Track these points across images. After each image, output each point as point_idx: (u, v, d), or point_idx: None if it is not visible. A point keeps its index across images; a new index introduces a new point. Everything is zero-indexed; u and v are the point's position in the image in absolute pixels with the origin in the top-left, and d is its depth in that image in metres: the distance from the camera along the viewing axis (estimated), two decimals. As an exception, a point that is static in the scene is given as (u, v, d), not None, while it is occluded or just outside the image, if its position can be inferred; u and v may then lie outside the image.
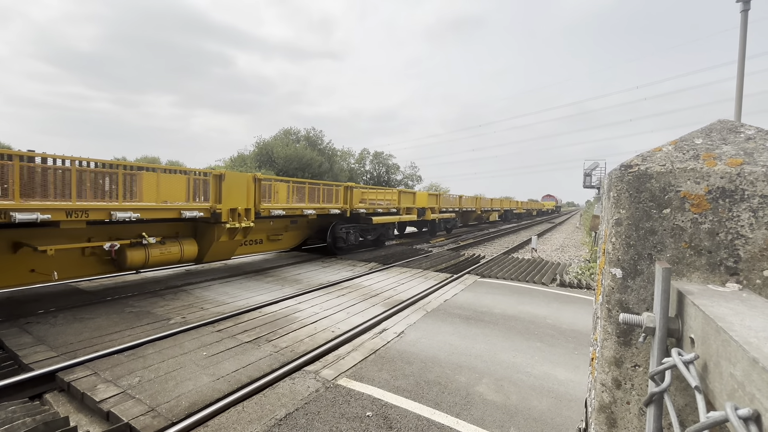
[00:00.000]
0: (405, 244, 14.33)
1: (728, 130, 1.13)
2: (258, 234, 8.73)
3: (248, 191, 7.49)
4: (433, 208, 16.82)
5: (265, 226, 8.87)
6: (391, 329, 4.84)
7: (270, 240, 9.21)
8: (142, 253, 6.16)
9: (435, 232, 17.91)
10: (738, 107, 10.02)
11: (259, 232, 8.74)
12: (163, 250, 6.48)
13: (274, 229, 9.24)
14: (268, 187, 8.64)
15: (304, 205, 9.25)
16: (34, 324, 4.62)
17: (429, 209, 16.16)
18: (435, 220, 17.14)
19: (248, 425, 2.78)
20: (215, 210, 6.81)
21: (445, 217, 18.06)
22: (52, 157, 5.21)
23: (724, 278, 0.97)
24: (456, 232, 21.76)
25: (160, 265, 6.76)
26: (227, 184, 7.02)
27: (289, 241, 10.04)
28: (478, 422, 2.91)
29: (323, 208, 9.75)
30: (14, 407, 2.81)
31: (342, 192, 10.73)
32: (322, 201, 9.90)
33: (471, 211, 23.26)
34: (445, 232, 19.48)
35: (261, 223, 8.39)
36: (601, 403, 1.14)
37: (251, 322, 4.93)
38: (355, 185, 11.16)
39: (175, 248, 6.68)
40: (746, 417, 0.50)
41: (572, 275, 9.16)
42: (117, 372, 3.46)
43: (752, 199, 0.94)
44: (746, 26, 9.82)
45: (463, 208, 21.39)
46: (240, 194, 7.29)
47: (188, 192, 6.88)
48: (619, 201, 1.12)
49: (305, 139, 43.45)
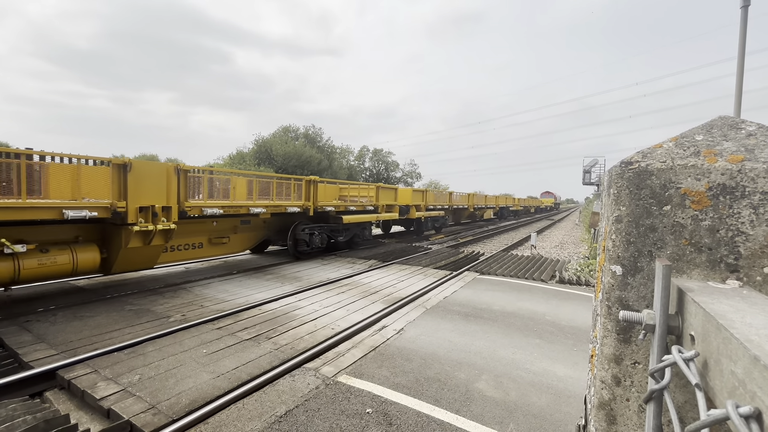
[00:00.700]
0: (404, 242, 14.33)
1: (729, 127, 1.12)
2: (195, 237, 7.41)
3: (169, 185, 6.14)
4: (419, 206, 15.76)
5: (206, 228, 7.57)
6: (390, 326, 4.85)
7: (213, 244, 7.82)
8: (9, 265, 4.86)
9: (421, 232, 16.85)
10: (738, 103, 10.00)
11: (196, 234, 7.40)
12: (45, 260, 5.19)
13: (218, 231, 7.87)
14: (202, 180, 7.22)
15: (251, 203, 7.88)
16: (33, 322, 4.62)
17: (413, 207, 15.12)
18: (421, 218, 16.07)
19: (248, 422, 2.79)
20: (117, 209, 5.44)
21: (433, 215, 17.01)
22: None
23: (725, 275, 0.97)
24: (455, 229, 21.70)
25: (43, 278, 5.41)
26: (135, 177, 5.67)
27: (240, 244, 8.62)
28: (477, 418, 2.92)
29: (278, 206, 8.42)
30: (14, 405, 2.81)
31: (304, 187, 9.33)
32: (275, 197, 8.50)
33: (463, 209, 22.26)
34: (434, 231, 18.47)
35: (198, 224, 7.31)
36: (601, 400, 1.14)
37: (251, 319, 4.94)
38: (320, 179, 9.75)
39: (64, 257, 5.37)
40: (747, 415, 0.49)
41: (572, 272, 9.18)
42: (117, 370, 3.46)
43: (753, 196, 0.94)
44: (746, 22, 9.79)
45: (453, 205, 20.31)
46: (155, 189, 5.97)
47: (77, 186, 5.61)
48: (619, 198, 1.11)
49: (304, 137, 43.37)
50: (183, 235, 6.98)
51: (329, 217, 10.30)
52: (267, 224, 9.21)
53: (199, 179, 7.30)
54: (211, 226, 7.70)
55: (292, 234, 9.29)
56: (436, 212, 17.35)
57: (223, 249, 8.21)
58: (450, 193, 20.29)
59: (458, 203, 21.11)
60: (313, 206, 9.45)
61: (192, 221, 7.04)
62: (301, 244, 9.39)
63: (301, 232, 9.34)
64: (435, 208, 17.49)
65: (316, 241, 9.75)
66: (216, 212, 6.91)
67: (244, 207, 7.56)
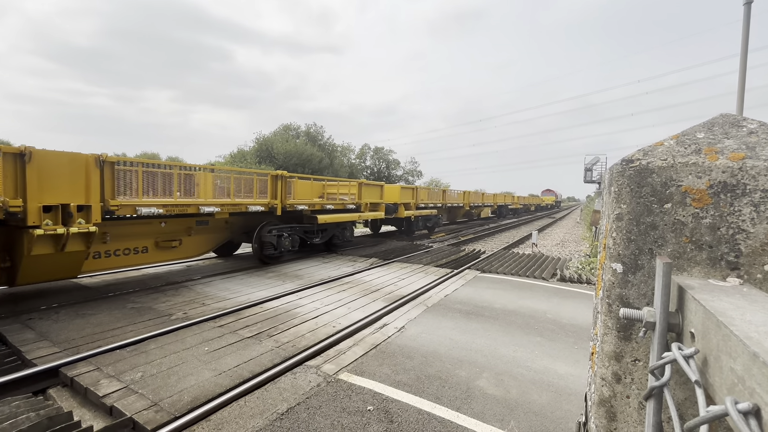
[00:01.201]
0: (405, 240, 14.33)
1: (730, 124, 1.12)
2: (136, 240, 6.40)
3: (88, 180, 5.14)
4: (408, 204, 14.77)
5: (151, 229, 6.56)
6: (391, 324, 4.86)
7: (161, 247, 6.75)
8: None
9: (412, 232, 15.68)
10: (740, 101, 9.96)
11: (138, 237, 6.41)
12: None
13: (167, 233, 6.83)
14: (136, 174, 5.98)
15: (202, 201, 6.87)
16: (36, 320, 4.65)
17: (402, 205, 14.09)
18: (411, 217, 14.93)
19: (250, 419, 2.80)
20: (9, 208, 4.41)
21: (424, 214, 15.92)
22: None
23: (725, 273, 0.97)
24: (455, 228, 21.67)
25: None
26: (38, 169, 4.66)
27: (195, 247, 7.49)
28: (478, 416, 2.93)
29: (237, 205, 7.37)
30: (18, 402, 2.83)
31: (269, 184, 8.28)
32: (233, 195, 7.52)
33: (458, 207, 21.21)
34: (426, 231, 17.33)
35: (140, 226, 6.36)
36: (601, 397, 1.14)
37: (253, 317, 4.95)
38: (288, 174, 8.72)
39: None
40: (746, 411, 0.50)
41: (572, 270, 9.17)
42: (119, 367, 3.48)
43: (754, 194, 0.94)
44: (749, 19, 9.74)
45: (447, 203, 19.12)
46: (68, 184, 4.99)
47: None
48: (620, 196, 1.11)
49: (305, 135, 43.35)
50: (119, 238, 6.11)
51: (303, 217, 9.40)
52: (230, 225, 8.14)
53: (131, 173, 6.03)
54: (158, 227, 6.63)
55: (258, 236, 8.25)
56: (428, 211, 16.43)
57: (175, 253, 7.07)
58: (444, 191, 19.19)
59: (453, 201, 20.06)
60: (282, 205, 8.41)
61: (131, 222, 6.17)
62: (268, 247, 8.34)
63: (267, 233, 8.32)
64: (427, 206, 16.50)
65: (286, 244, 8.68)
66: (154, 212, 5.87)
67: (192, 206, 6.52)
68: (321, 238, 10.09)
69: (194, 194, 7.25)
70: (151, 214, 5.90)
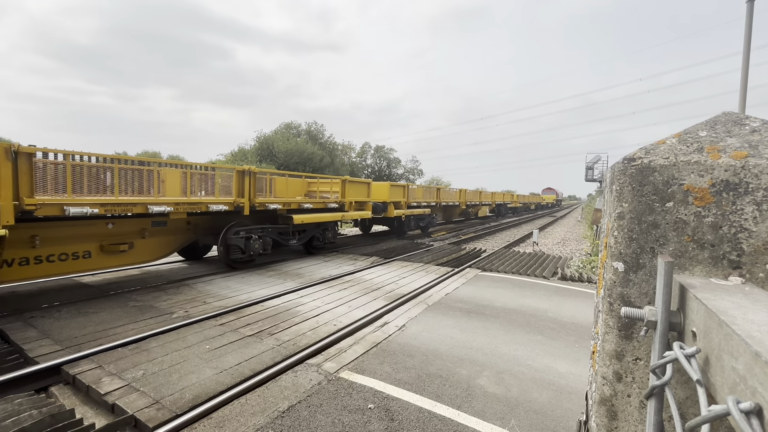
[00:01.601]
0: (407, 238, 14.33)
1: (733, 123, 1.12)
2: (76, 243, 5.65)
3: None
4: (399, 203, 14.00)
5: (95, 231, 5.83)
6: (392, 323, 4.86)
7: (107, 252, 6.01)
8: None
9: (404, 233, 14.80)
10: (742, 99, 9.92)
11: (79, 240, 5.68)
12: None
13: (114, 236, 6.11)
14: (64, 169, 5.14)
15: (152, 200, 6.04)
16: (38, 318, 4.66)
17: (391, 204, 13.33)
18: (401, 217, 14.12)
19: (251, 417, 2.81)
20: None
21: (416, 213, 15.11)
22: None
23: (727, 272, 0.97)
24: (455, 227, 21.67)
25: None
26: None
27: (150, 251, 6.71)
28: (479, 414, 2.93)
29: (195, 204, 6.59)
30: (20, 400, 2.84)
31: (235, 180, 7.44)
32: (189, 193, 6.66)
33: (454, 206, 20.43)
34: (419, 231, 16.48)
35: (80, 227, 5.63)
36: (602, 396, 1.14)
37: (254, 315, 4.96)
38: (258, 170, 8.00)
39: None
40: (748, 410, 0.50)
41: (573, 269, 9.16)
42: (121, 365, 3.49)
43: (756, 192, 0.94)
44: (752, 17, 9.69)
45: (442, 201, 18.26)
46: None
47: None
48: (621, 194, 1.11)
49: (306, 133, 43.33)
50: (53, 242, 5.41)
51: (278, 217, 8.69)
52: (193, 226, 7.37)
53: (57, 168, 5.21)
54: (104, 228, 5.93)
55: (223, 238, 7.45)
56: (421, 210, 15.52)
57: (125, 258, 6.33)
58: (438, 189, 18.24)
59: (448, 200, 19.16)
60: (250, 203, 7.63)
61: (68, 224, 5.49)
62: (234, 250, 7.55)
63: (233, 236, 7.50)
64: (419, 205, 15.64)
65: (255, 247, 7.82)
66: (87, 212, 5.08)
67: (139, 205, 5.79)
68: (298, 239, 9.23)
69: (159, 192, 6.47)
70: (84, 214, 5.07)
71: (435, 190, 17.98)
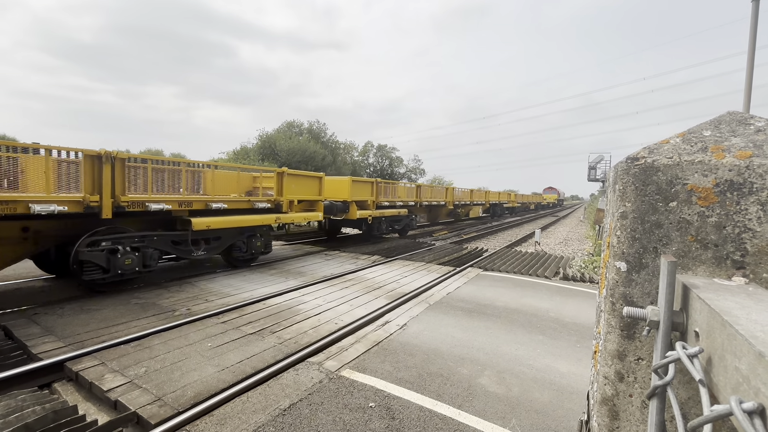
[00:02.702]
0: (409, 237, 14.32)
1: (738, 122, 1.11)
2: None
3: None
4: (365, 202, 11.83)
5: None
6: (393, 321, 4.87)
7: None
8: None
9: (372, 236, 12.52)
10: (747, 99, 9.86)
11: None
12: None
13: None
14: None
15: None
16: (42, 315, 4.69)
17: (354, 203, 11.12)
18: (368, 218, 11.74)
19: (253, 415, 2.82)
20: None
21: (387, 214, 12.71)
22: None
23: (731, 272, 0.96)
24: (459, 225, 21.62)
25: None
26: None
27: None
28: (480, 414, 2.93)
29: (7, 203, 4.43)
30: (24, 396, 2.86)
31: (84, 170, 5.20)
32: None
33: (439, 206, 18.04)
34: (397, 235, 14.26)
35: None
36: (604, 396, 1.14)
37: (255, 313, 4.98)
38: (128, 155, 5.71)
39: None
40: (751, 411, 0.49)
41: (575, 268, 9.14)
42: (124, 362, 3.51)
43: (761, 192, 0.93)
44: (757, 16, 9.62)
45: (423, 201, 15.81)
46: None
47: None
48: (624, 194, 1.10)
49: (308, 132, 43.34)
50: None
51: (176, 221, 6.61)
52: (34, 234, 5.28)
53: None
54: None
55: (76, 252, 5.25)
56: (394, 210, 13.12)
57: None
58: (418, 186, 15.75)
59: (432, 199, 16.78)
60: (113, 203, 5.46)
61: None
62: (91, 268, 5.38)
63: (88, 249, 5.30)
64: (393, 205, 13.25)
65: (125, 263, 5.63)
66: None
67: None
68: (207, 250, 7.03)
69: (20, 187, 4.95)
70: None
71: (415, 189, 15.63)
